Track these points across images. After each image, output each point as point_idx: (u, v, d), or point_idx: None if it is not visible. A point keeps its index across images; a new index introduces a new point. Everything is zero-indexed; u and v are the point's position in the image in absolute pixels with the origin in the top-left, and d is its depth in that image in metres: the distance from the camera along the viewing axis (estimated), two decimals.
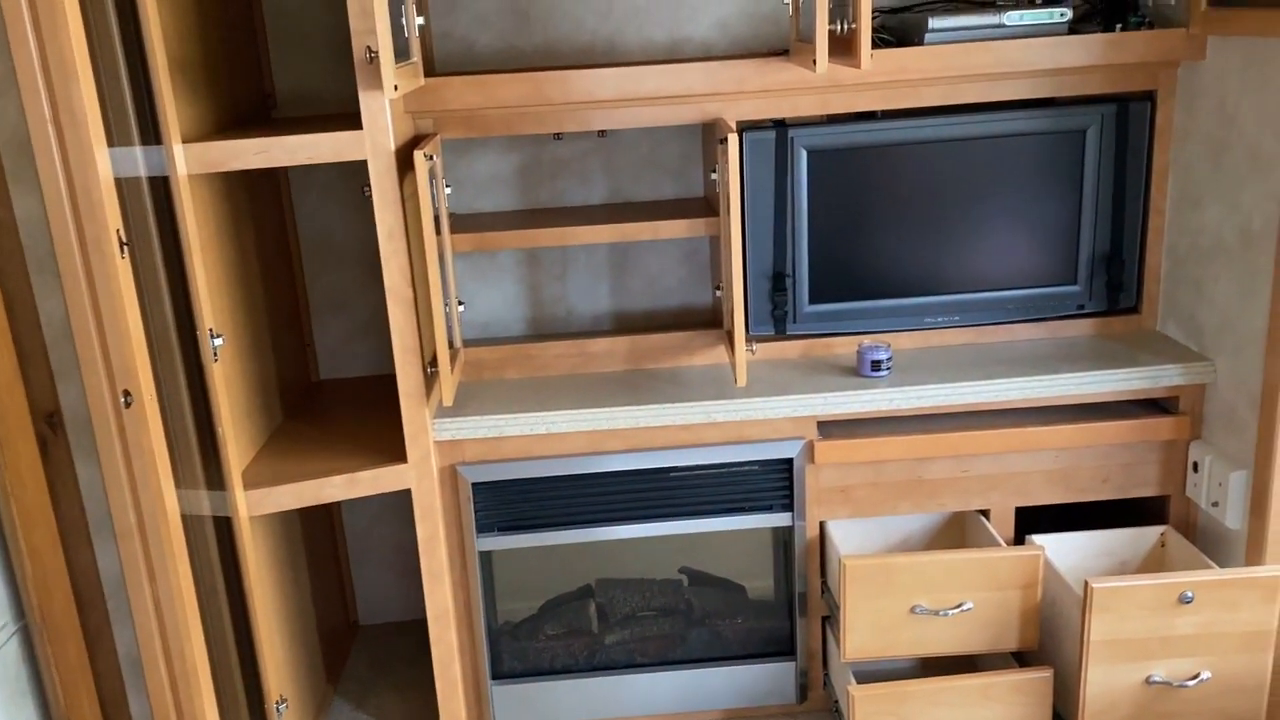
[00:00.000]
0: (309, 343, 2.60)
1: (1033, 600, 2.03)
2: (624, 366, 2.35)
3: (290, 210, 2.51)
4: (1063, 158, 2.24)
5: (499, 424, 2.10)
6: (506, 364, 2.34)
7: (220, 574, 1.95)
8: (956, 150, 2.23)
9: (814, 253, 2.28)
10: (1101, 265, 2.30)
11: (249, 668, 2.02)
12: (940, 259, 2.29)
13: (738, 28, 2.41)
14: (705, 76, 2.08)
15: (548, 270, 2.53)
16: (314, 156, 1.86)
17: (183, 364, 1.84)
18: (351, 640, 2.78)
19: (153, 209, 1.76)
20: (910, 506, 2.22)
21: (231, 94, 2.16)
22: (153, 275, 1.77)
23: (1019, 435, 2.15)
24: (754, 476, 2.18)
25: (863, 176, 2.23)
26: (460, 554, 2.19)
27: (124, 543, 1.73)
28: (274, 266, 2.37)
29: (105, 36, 1.65)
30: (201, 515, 1.90)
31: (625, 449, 2.15)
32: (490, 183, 2.48)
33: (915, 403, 2.13)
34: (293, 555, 2.34)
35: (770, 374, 2.25)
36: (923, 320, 2.32)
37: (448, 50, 2.41)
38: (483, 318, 2.55)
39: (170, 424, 1.82)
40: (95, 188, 1.48)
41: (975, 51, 2.08)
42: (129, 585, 1.77)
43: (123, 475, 1.69)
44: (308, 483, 2.00)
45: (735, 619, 2.35)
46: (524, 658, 2.32)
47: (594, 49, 2.41)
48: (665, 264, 2.53)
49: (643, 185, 2.49)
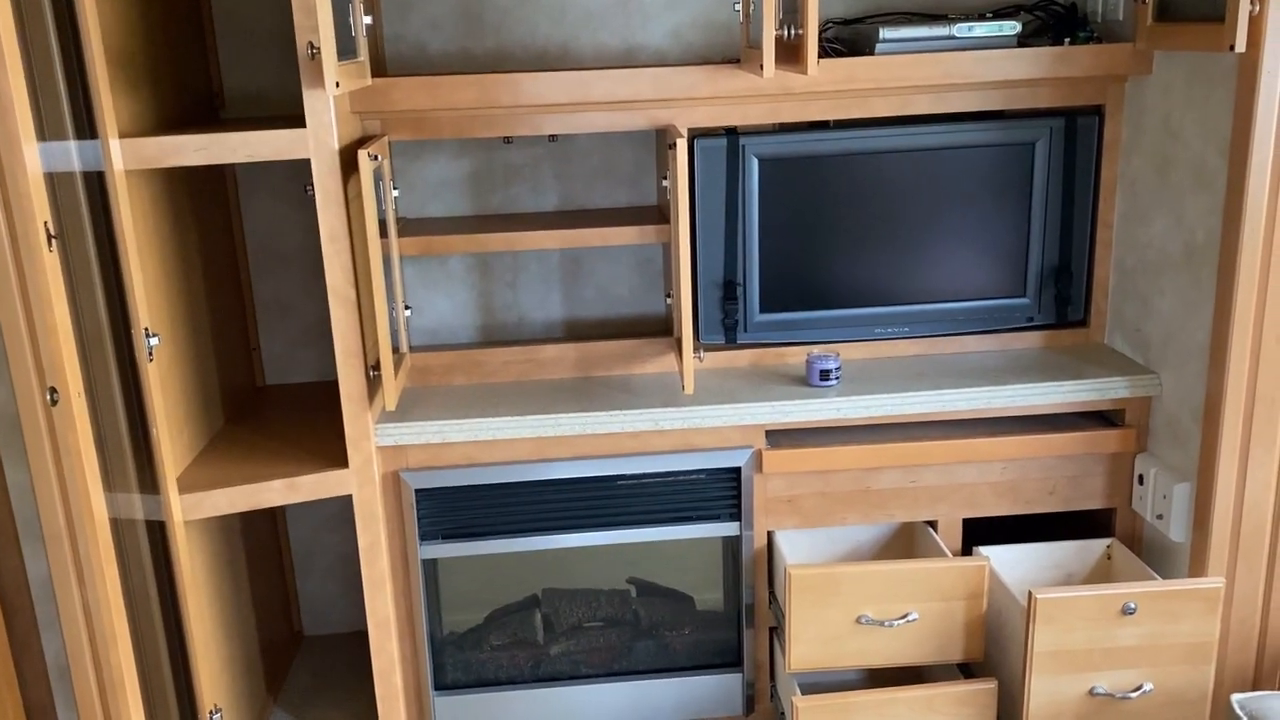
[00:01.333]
0: (255, 346, 2.56)
1: (978, 611, 2.03)
2: (573, 374, 2.33)
3: (237, 211, 2.47)
4: (1012, 170, 2.25)
5: (443, 429, 2.07)
6: (454, 370, 2.31)
7: (153, 580, 1.90)
8: (907, 161, 2.23)
9: (765, 261, 2.27)
10: (1050, 278, 2.31)
11: (182, 676, 1.97)
12: (891, 270, 2.29)
13: (691, 36, 2.41)
14: (655, 82, 2.07)
15: (499, 277, 2.51)
16: (255, 154, 1.83)
17: (116, 363, 1.80)
18: (295, 650, 2.73)
19: (87, 204, 1.73)
20: (858, 517, 2.21)
21: (176, 92, 2.12)
22: (86, 271, 1.73)
23: (967, 446, 2.15)
24: (702, 485, 2.17)
25: (814, 186, 2.23)
26: (403, 562, 2.16)
27: (52, 547, 1.69)
28: (218, 268, 2.33)
29: (39, 27, 1.61)
30: (135, 519, 1.86)
31: (572, 456, 2.13)
32: (441, 187, 2.45)
33: (863, 413, 2.12)
34: (232, 562, 2.29)
35: (720, 382, 2.23)
36: (873, 331, 2.32)
37: (400, 53, 2.39)
38: (432, 324, 2.52)
39: (102, 424, 1.77)
40: (23, 180, 1.44)
41: (925, 63, 2.09)
42: (57, 591, 1.72)
43: (51, 477, 1.65)
44: (245, 487, 1.96)
45: (683, 630, 2.33)
46: (468, 668, 2.29)
47: (547, 54, 2.40)
48: (618, 272, 2.51)
49: (596, 193, 2.48)
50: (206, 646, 2.07)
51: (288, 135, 1.84)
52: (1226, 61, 1.87)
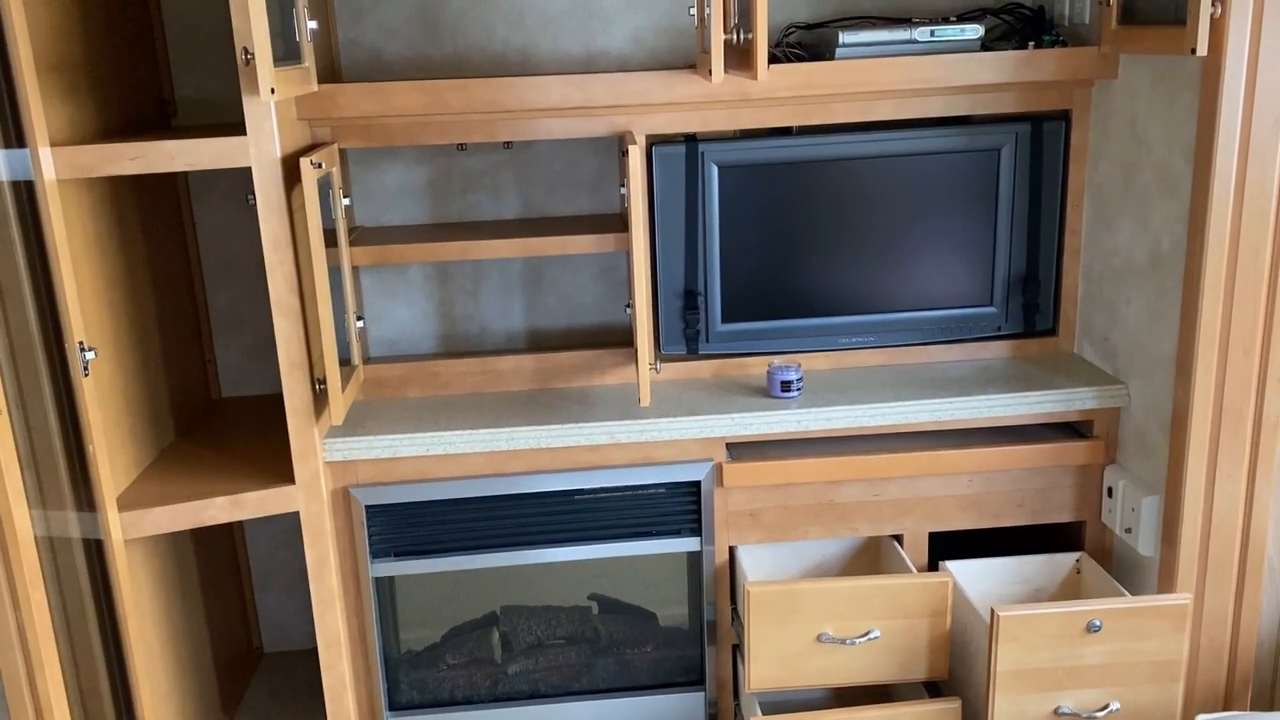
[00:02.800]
0: (210, 359, 2.50)
1: (941, 629, 1.98)
2: (531, 385, 2.28)
3: (190, 220, 2.42)
4: (978, 177, 2.20)
5: (393, 444, 2.02)
6: (408, 382, 2.26)
7: (92, 600, 1.84)
8: (870, 168, 2.19)
9: (726, 271, 2.22)
10: (1018, 287, 2.27)
11: (123, 697, 1.91)
12: (855, 279, 2.25)
13: (653, 41, 2.36)
14: (609, 88, 2.03)
15: (459, 286, 2.46)
16: (194, 163, 1.78)
17: (49, 378, 1.74)
18: (253, 667, 2.67)
19: (16, 214, 1.67)
20: (821, 531, 2.17)
21: (123, 100, 2.07)
22: (15, 283, 1.68)
23: (931, 459, 2.11)
24: (661, 500, 2.12)
25: (776, 193, 2.19)
26: (354, 580, 2.10)
27: None
28: (170, 278, 2.28)
29: None
30: (70, 538, 1.80)
31: (528, 470, 2.08)
32: (399, 195, 2.40)
33: (824, 424, 2.07)
34: (182, 579, 2.23)
35: (680, 394, 2.19)
36: (838, 341, 2.28)
37: (355, 59, 2.34)
38: (392, 334, 2.47)
39: (34, 441, 1.72)
40: None
41: (884, 67, 2.05)
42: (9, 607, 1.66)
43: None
44: (188, 504, 1.91)
45: (645, 647, 2.27)
46: (424, 688, 2.23)
47: (506, 60, 2.35)
48: (580, 281, 2.47)
49: (558, 200, 2.43)
50: (151, 666, 2.02)
51: (227, 143, 1.79)
52: (1190, 65, 1.82)
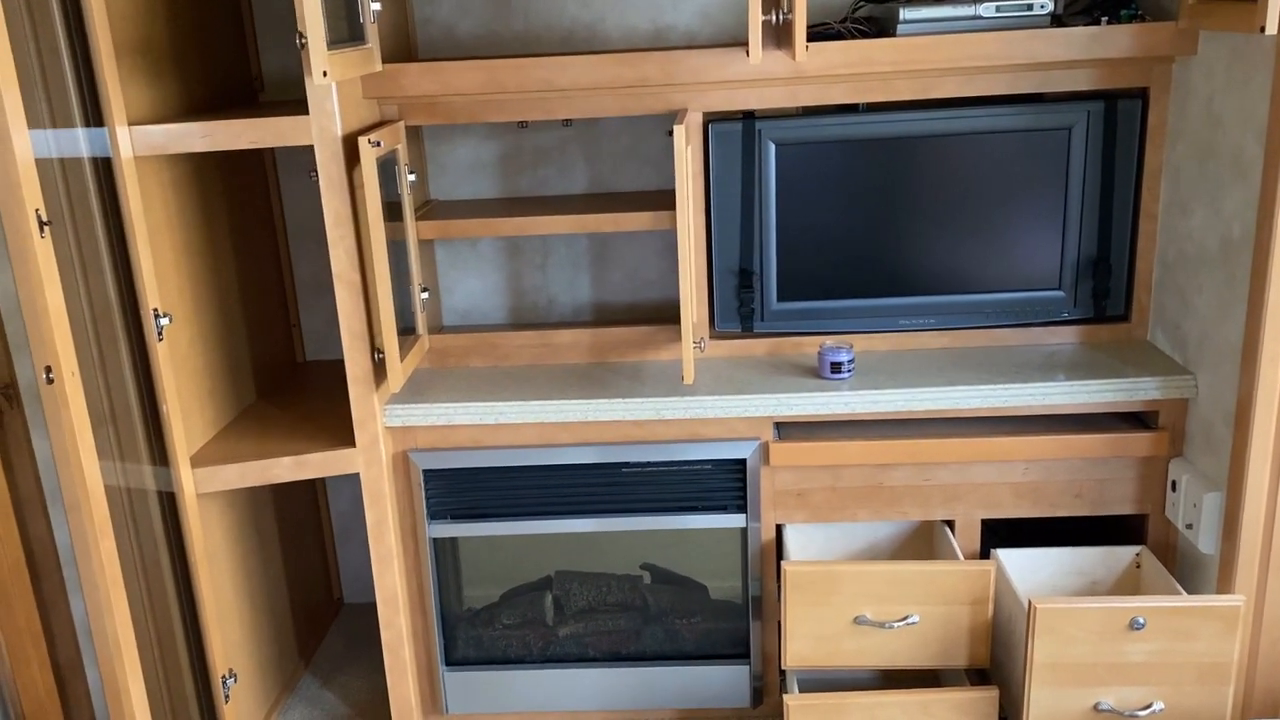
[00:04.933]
0: (295, 323, 2.64)
1: (983, 617, 1.96)
2: (588, 359, 2.33)
3: (278, 193, 2.54)
4: (1047, 156, 2.14)
5: (448, 412, 2.10)
6: (471, 352, 2.34)
7: (166, 549, 1.99)
8: (934, 146, 2.14)
9: (783, 249, 2.22)
10: (1088, 270, 2.20)
11: (195, 641, 2.06)
12: (916, 259, 2.21)
13: (721, 16, 2.36)
14: (662, 66, 2.04)
15: (528, 260, 2.52)
16: (258, 141, 1.88)
17: (126, 343, 1.88)
18: (333, 617, 2.83)
19: (96, 189, 1.80)
20: (869, 514, 2.16)
21: (210, 77, 2.19)
22: (95, 254, 1.81)
23: (983, 445, 2.07)
24: (707, 476, 2.15)
25: (836, 171, 2.17)
26: (413, 539, 2.20)
27: (72, 515, 1.78)
28: (256, 248, 2.40)
29: (47, 20, 1.68)
30: (146, 490, 1.94)
31: (577, 442, 2.13)
32: (472, 170, 2.47)
33: (871, 408, 2.06)
34: (259, 530, 2.37)
35: (731, 372, 2.20)
36: (896, 322, 2.25)
37: (430, 36, 2.41)
38: (464, 305, 2.56)
39: (113, 401, 1.86)
40: (12, 168, 1.51)
41: (945, 45, 2.00)
42: (78, 556, 1.81)
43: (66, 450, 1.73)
44: (254, 463, 2.03)
45: (694, 618, 2.31)
46: (479, 645, 2.33)
47: (574, 36, 2.39)
48: (645, 256, 2.50)
49: (624, 175, 2.46)
50: (225, 612, 2.16)
51: (290, 122, 1.88)
52: (1266, 44, 1.73)
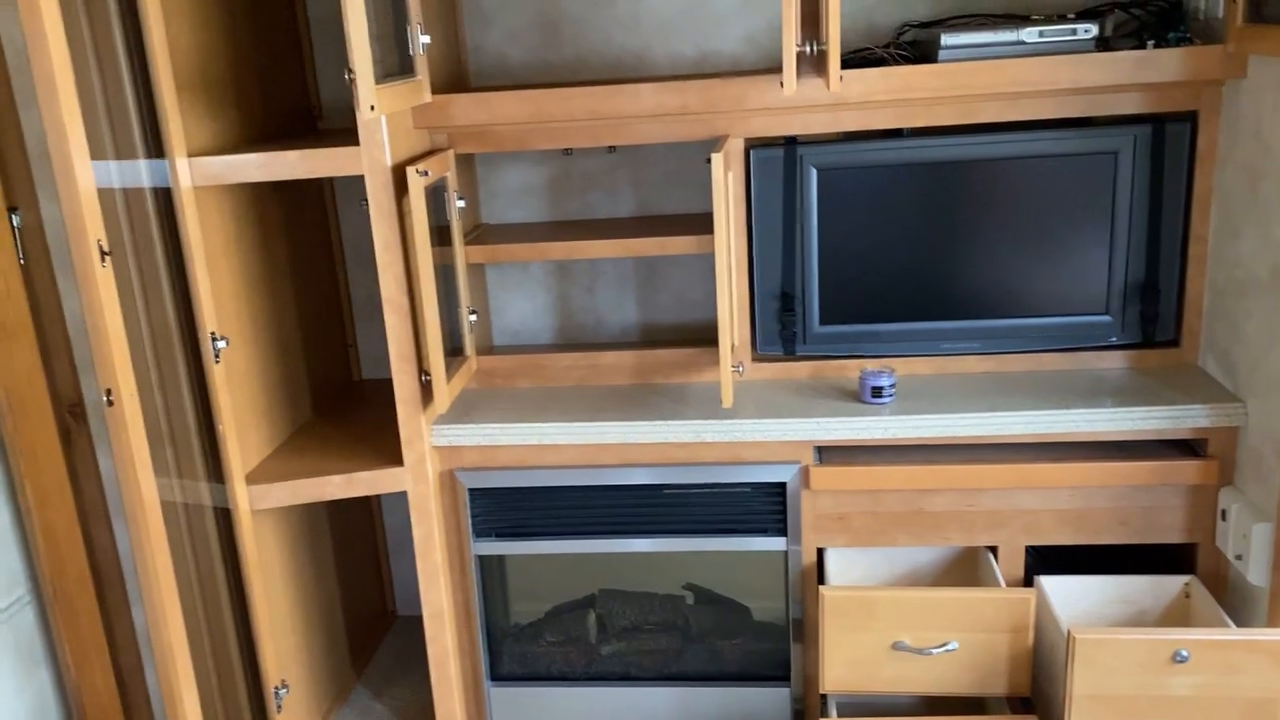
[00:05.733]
0: (351, 343, 2.71)
1: (1023, 645, 1.94)
2: (631, 380, 2.36)
3: (335, 218, 2.62)
4: (1093, 180, 2.12)
5: (493, 433, 2.15)
6: (517, 373, 2.39)
7: (221, 562, 2.06)
8: (978, 170, 2.14)
9: (825, 273, 2.23)
10: (1136, 295, 2.17)
11: (249, 650, 2.13)
12: (959, 283, 2.21)
13: (767, 42, 2.38)
14: (703, 94, 2.07)
15: (577, 281, 2.57)
16: (311, 171, 1.95)
17: (185, 364, 1.96)
18: (386, 630, 2.89)
19: (157, 218, 1.88)
20: (911, 539, 2.15)
21: (270, 107, 2.27)
22: (156, 280, 1.89)
23: (1027, 471, 2.05)
24: (748, 498, 2.16)
25: (877, 196, 2.17)
26: (459, 556, 2.25)
27: (131, 529, 1.86)
28: (314, 271, 2.48)
29: (110, 57, 1.77)
30: (203, 505, 2.02)
31: (618, 463, 2.17)
32: (521, 194, 2.53)
33: (912, 433, 2.06)
34: (313, 544, 2.45)
35: (772, 395, 2.22)
36: (939, 346, 2.24)
37: (481, 64, 2.47)
38: (514, 325, 2.61)
39: (171, 420, 1.94)
40: (76, 199, 1.60)
41: (987, 70, 2.00)
42: (137, 569, 1.90)
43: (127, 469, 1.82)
44: (306, 480, 2.09)
45: (735, 639, 2.33)
46: (524, 661, 2.37)
47: (622, 63, 2.43)
48: (691, 277, 2.53)
49: (671, 198, 2.50)
50: (278, 624, 2.23)
51: (342, 153, 1.94)
52: None
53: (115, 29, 1.77)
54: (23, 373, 1.92)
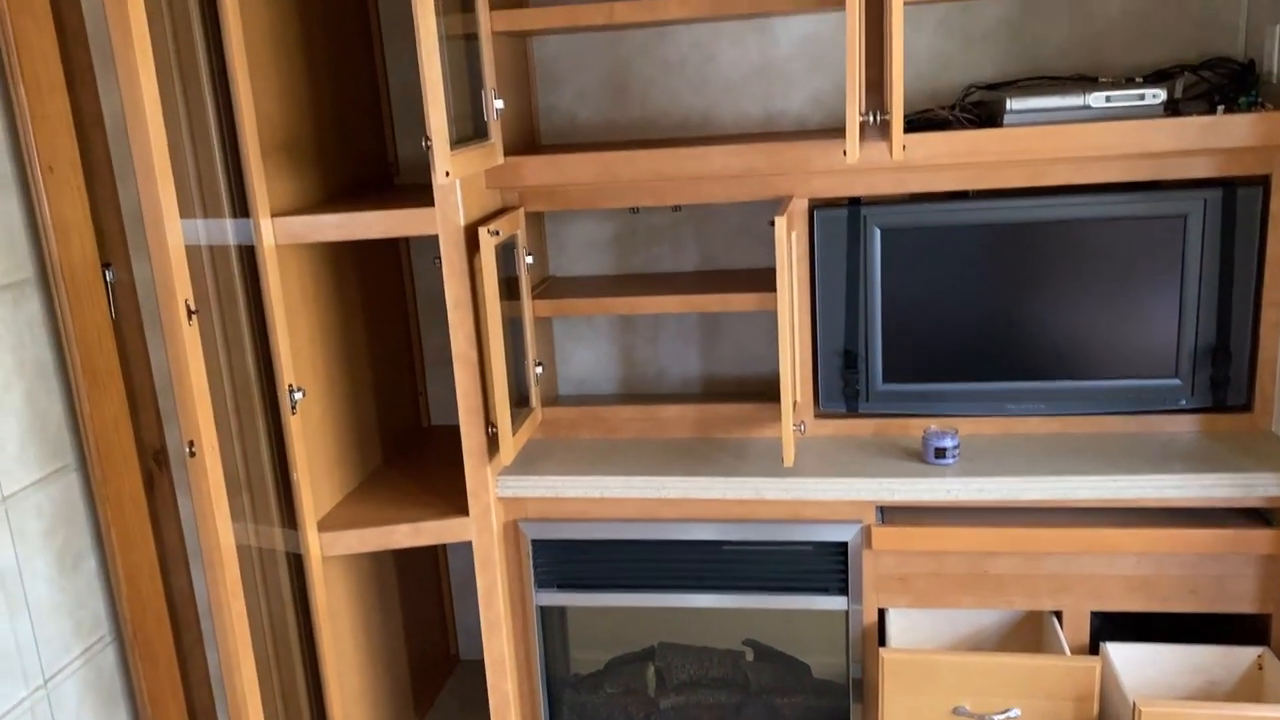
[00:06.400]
0: (422, 391, 2.78)
1: (1088, 714, 1.91)
2: (693, 434, 2.38)
3: (409, 270, 2.70)
4: (1162, 243, 2.10)
5: (555, 485, 2.19)
6: (581, 425, 2.43)
7: (292, 606, 2.12)
8: (1045, 232, 2.14)
9: (889, 331, 2.24)
10: (1206, 358, 2.14)
11: (317, 693, 2.18)
12: (1025, 343, 2.20)
13: (832, 102, 2.42)
14: (768, 156, 2.10)
15: (640, 333, 2.61)
16: (388, 231, 2.02)
17: (264, 414, 2.03)
18: (448, 673, 2.93)
19: (241, 275, 1.97)
20: (974, 601, 2.14)
21: (348, 164, 2.36)
22: (238, 334, 1.97)
23: (1093, 536, 2.03)
24: (809, 557, 2.17)
25: (942, 256, 2.18)
26: (521, 606, 2.29)
27: (208, 574, 1.93)
28: (388, 321, 2.56)
29: (201, 124, 1.86)
30: (276, 550, 2.08)
31: (679, 518, 2.19)
32: (588, 248, 2.58)
33: (976, 496, 2.05)
34: (380, 589, 2.50)
35: (834, 452, 2.22)
36: (1004, 407, 2.23)
37: (552, 123, 2.54)
38: (579, 375, 2.65)
39: (250, 467, 2.01)
40: (165, 256, 1.68)
41: (1054, 135, 2.00)
42: (213, 615, 1.96)
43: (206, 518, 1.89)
44: (375, 529, 2.15)
45: (794, 697, 2.32)
46: (583, 712, 2.39)
47: (689, 123, 2.48)
48: (753, 331, 2.55)
49: (735, 253, 2.53)
50: (344, 668, 2.28)
51: (418, 214, 2.01)
52: None
53: (207, 99, 1.87)
54: (110, 422, 2.01)
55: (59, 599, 2.00)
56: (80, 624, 2.04)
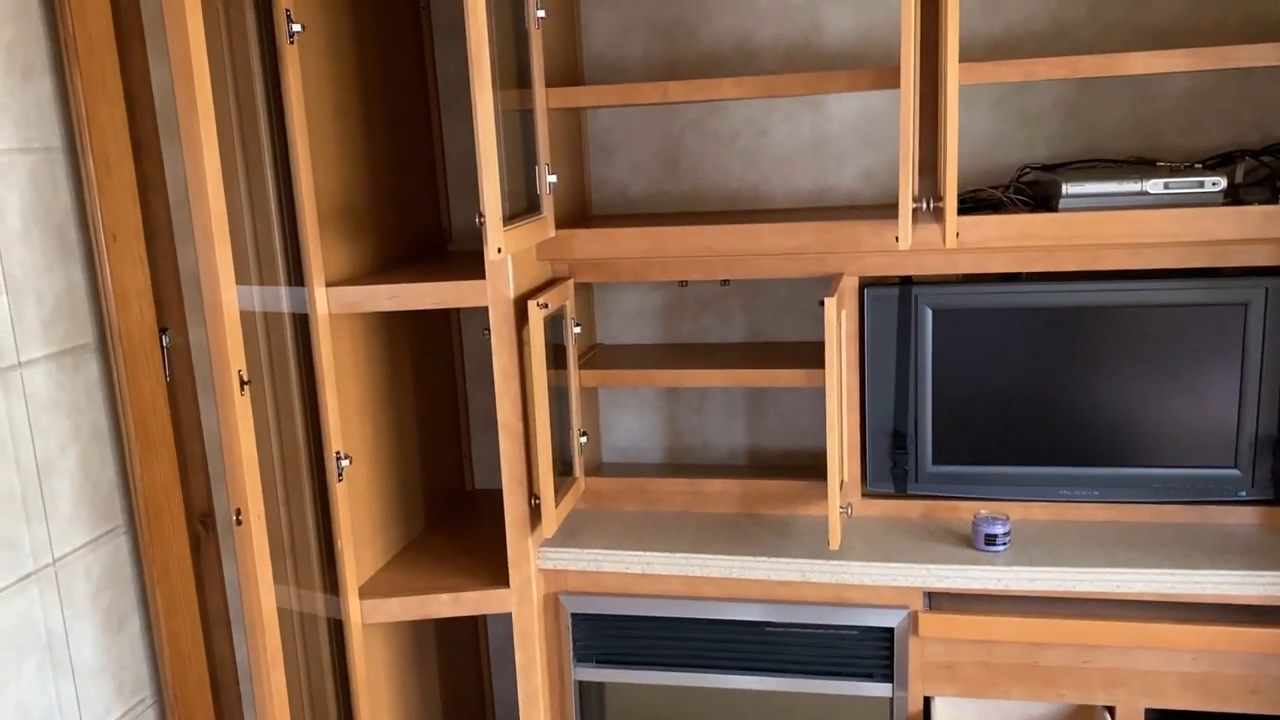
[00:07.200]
0: (466, 453, 2.79)
1: None
2: (737, 509, 2.36)
3: (459, 334, 2.72)
4: (1221, 331, 2.06)
5: (597, 559, 2.17)
6: (624, 496, 2.41)
7: (331, 672, 2.12)
8: (1099, 316, 2.11)
9: (939, 412, 2.21)
10: (1267, 449, 2.09)
11: None
12: (1079, 428, 2.16)
13: (883, 178, 2.41)
14: (818, 235, 2.10)
15: (686, 403, 2.60)
16: (440, 302, 2.04)
17: (310, 480, 2.04)
18: None
19: (294, 343, 1.99)
20: (1024, 692, 2.08)
21: (403, 231, 2.39)
22: (289, 402, 1.99)
23: (1148, 631, 1.97)
24: (854, 641, 2.12)
25: (995, 338, 2.16)
26: (559, 680, 2.26)
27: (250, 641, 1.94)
28: (435, 386, 2.58)
29: (261, 190, 1.90)
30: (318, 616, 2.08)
31: (721, 597, 2.16)
32: (636, 317, 2.59)
33: (1027, 585, 2.00)
34: (419, 657, 2.49)
35: (881, 534, 2.19)
36: (1057, 492, 2.19)
37: (604, 194, 2.56)
38: (623, 443, 2.65)
39: (295, 533, 2.02)
40: (220, 328, 1.70)
41: (1110, 221, 1.98)
42: (253, 683, 1.96)
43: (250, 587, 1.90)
44: (416, 598, 2.14)
45: None
46: None
47: (740, 196, 2.49)
48: (800, 404, 2.53)
49: (782, 326, 2.52)
50: None
51: (469, 286, 2.03)
52: None
53: (267, 168, 1.91)
54: (161, 485, 2.03)
55: (103, 660, 2.01)
56: (122, 685, 2.05)
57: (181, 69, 1.65)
